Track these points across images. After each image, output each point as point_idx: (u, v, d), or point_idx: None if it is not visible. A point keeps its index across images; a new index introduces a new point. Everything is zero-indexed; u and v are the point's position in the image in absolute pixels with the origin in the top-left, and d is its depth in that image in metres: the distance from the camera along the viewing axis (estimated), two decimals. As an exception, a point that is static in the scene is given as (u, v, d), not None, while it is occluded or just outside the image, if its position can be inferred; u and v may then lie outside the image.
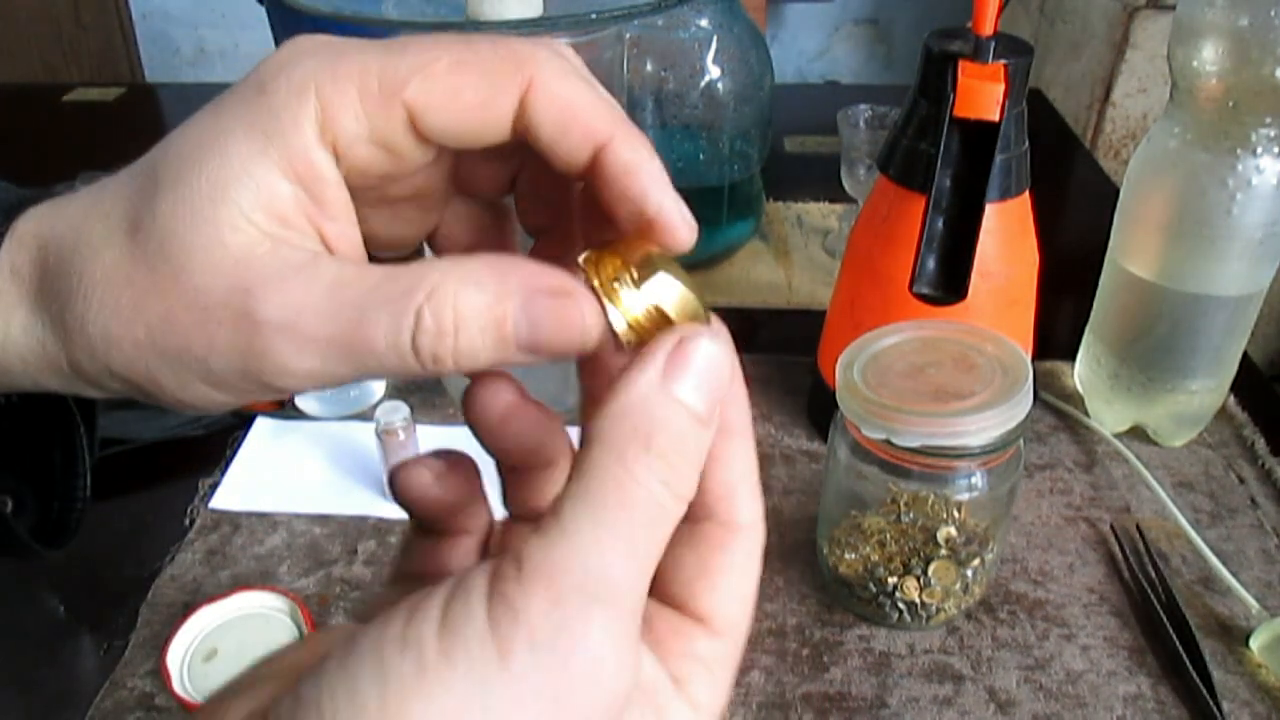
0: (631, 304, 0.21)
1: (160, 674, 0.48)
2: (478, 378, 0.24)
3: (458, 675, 0.17)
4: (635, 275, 0.22)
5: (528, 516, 0.26)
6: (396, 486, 0.24)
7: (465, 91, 0.22)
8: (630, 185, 0.22)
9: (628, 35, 0.70)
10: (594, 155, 0.22)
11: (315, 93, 0.22)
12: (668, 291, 0.21)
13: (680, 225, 0.23)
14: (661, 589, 0.22)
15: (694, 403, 0.20)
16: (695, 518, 0.22)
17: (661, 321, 0.21)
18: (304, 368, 0.21)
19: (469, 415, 0.24)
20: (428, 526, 0.25)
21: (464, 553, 0.25)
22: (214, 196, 0.21)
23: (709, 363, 0.20)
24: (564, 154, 0.22)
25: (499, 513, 0.26)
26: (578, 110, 0.22)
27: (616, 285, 0.21)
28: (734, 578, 0.23)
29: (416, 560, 0.25)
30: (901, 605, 0.51)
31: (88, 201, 0.23)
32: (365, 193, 0.23)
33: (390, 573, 0.26)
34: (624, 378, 0.19)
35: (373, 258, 0.24)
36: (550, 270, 0.21)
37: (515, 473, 0.26)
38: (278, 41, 0.97)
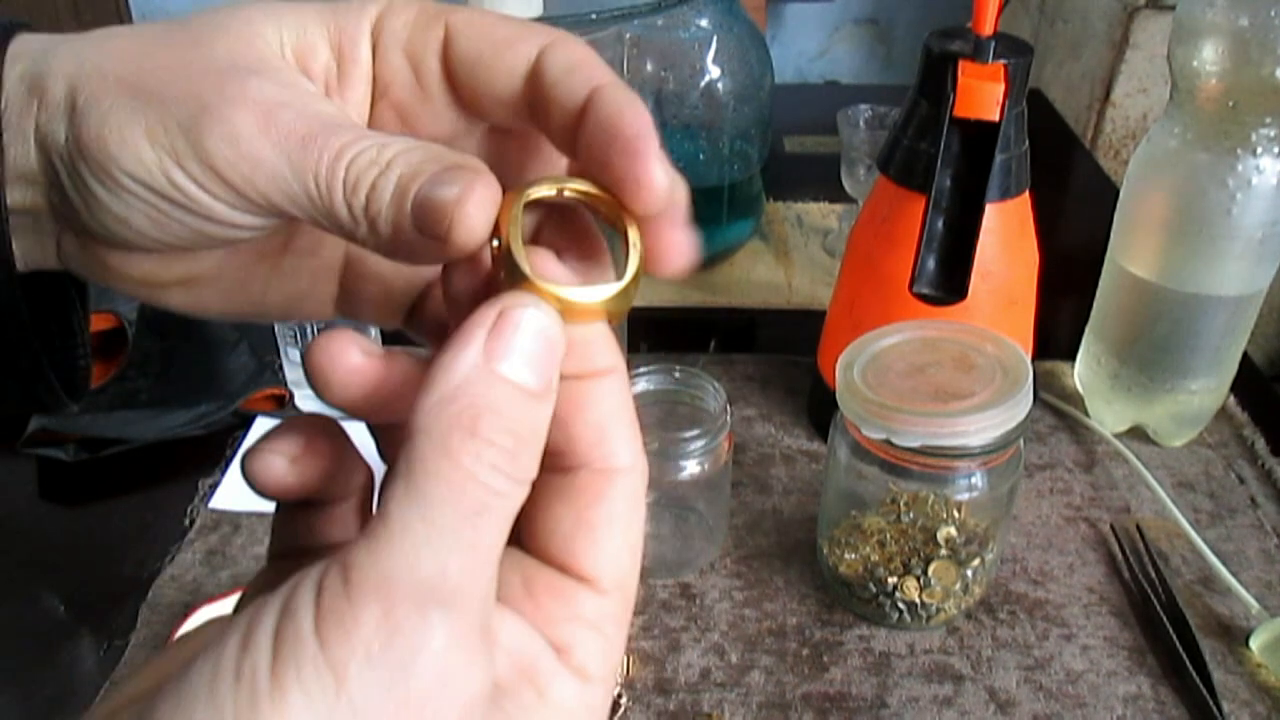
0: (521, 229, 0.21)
1: (160, 674, 0.48)
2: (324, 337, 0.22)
3: (294, 708, 0.15)
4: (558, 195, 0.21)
5: None
6: (247, 480, 0.22)
7: (499, 28, 0.23)
8: (621, 122, 0.21)
9: (628, 35, 0.70)
10: (589, 96, 0.22)
11: (385, 2, 0.24)
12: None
13: (654, 166, 0.21)
14: (539, 548, 0.21)
15: (523, 378, 0.18)
16: (567, 468, 0.21)
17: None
18: (247, 150, 0.21)
19: (309, 367, 0.21)
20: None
21: (342, 520, 0.23)
22: (263, 15, 0.23)
23: (537, 331, 0.19)
24: (564, 92, 0.22)
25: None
26: (585, 59, 0.23)
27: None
28: (616, 528, 0.21)
29: (292, 533, 0.23)
30: (901, 605, 0.51)
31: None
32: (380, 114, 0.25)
33: (269, 548, 0.24)
34: (442, 358, 0.18)
35: None
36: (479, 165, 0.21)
37: (383, 430, 0.24)
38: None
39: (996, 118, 0.51)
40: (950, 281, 0.54)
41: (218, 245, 0.24)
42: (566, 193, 0.22)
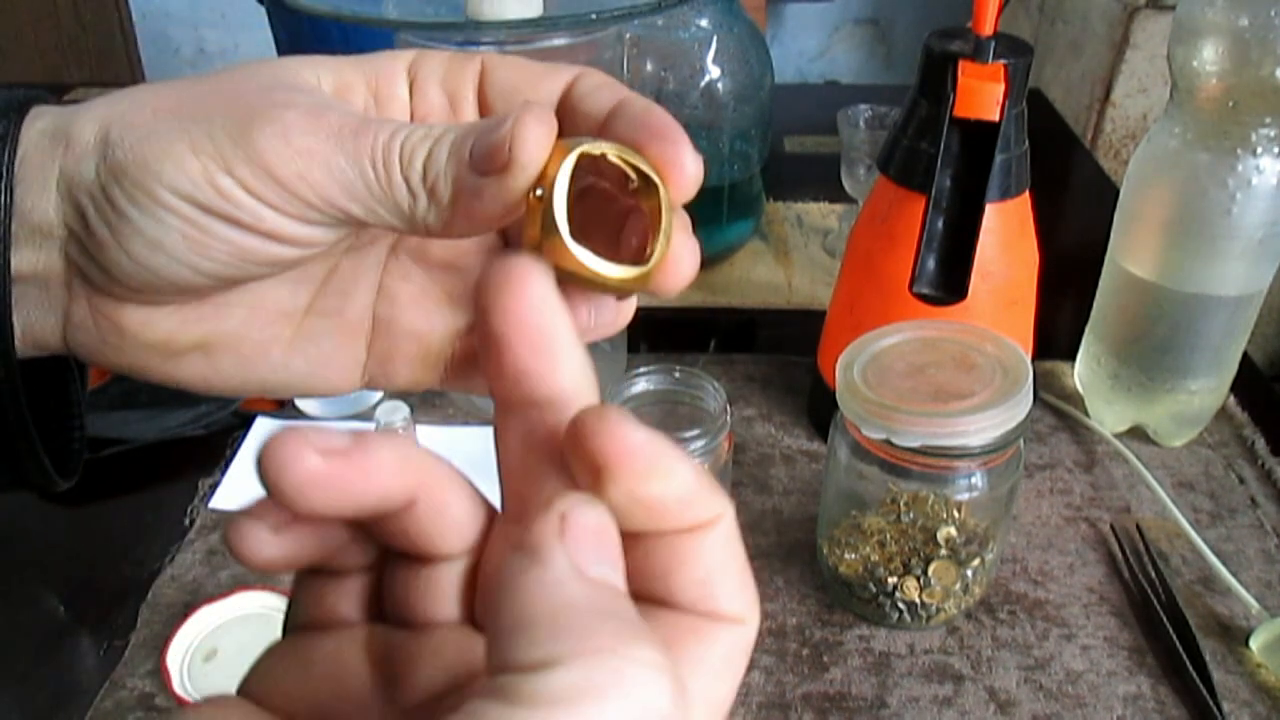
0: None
1: (160, 674, 0.49)
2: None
3: None
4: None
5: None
6: (231, 553, 0.19)
7: (532, 65, 0.25)
8: (650, 117, 0.23)
9: (628, 35, 0.70)
10: (616, 105, 0.24)
11: (417, 51, 0.25)
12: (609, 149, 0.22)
13: (686, 149, 0.23)
14: None
15: (614, 579, 0.16)
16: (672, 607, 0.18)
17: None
18: (301, 145, 0.21)
19: (262, 478, 0.18)
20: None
21: (349, 597, 0.20)
22: (299, 63, 0.24)
23: (603, 530, 0.17)
24: (592, 104, 0.24)
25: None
26: (612, 81, 0.25)
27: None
28: (701, 673, 0.18)
29: (305, 605, 0.21)
30: (901, 605, 0.51)
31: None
32: None
33: (284, 618, 0.21)
34: (518, 579, 0.16)
35: None
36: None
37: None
38: (278, 41, 0.98)
39: (996, 118, 0.51)
40: (950, 281, 0.54)
41: (254, 274, 0.24)
42: (610, 157, 0.22)
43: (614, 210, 0.24)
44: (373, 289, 0.27)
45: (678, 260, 0.24)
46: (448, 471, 0.19)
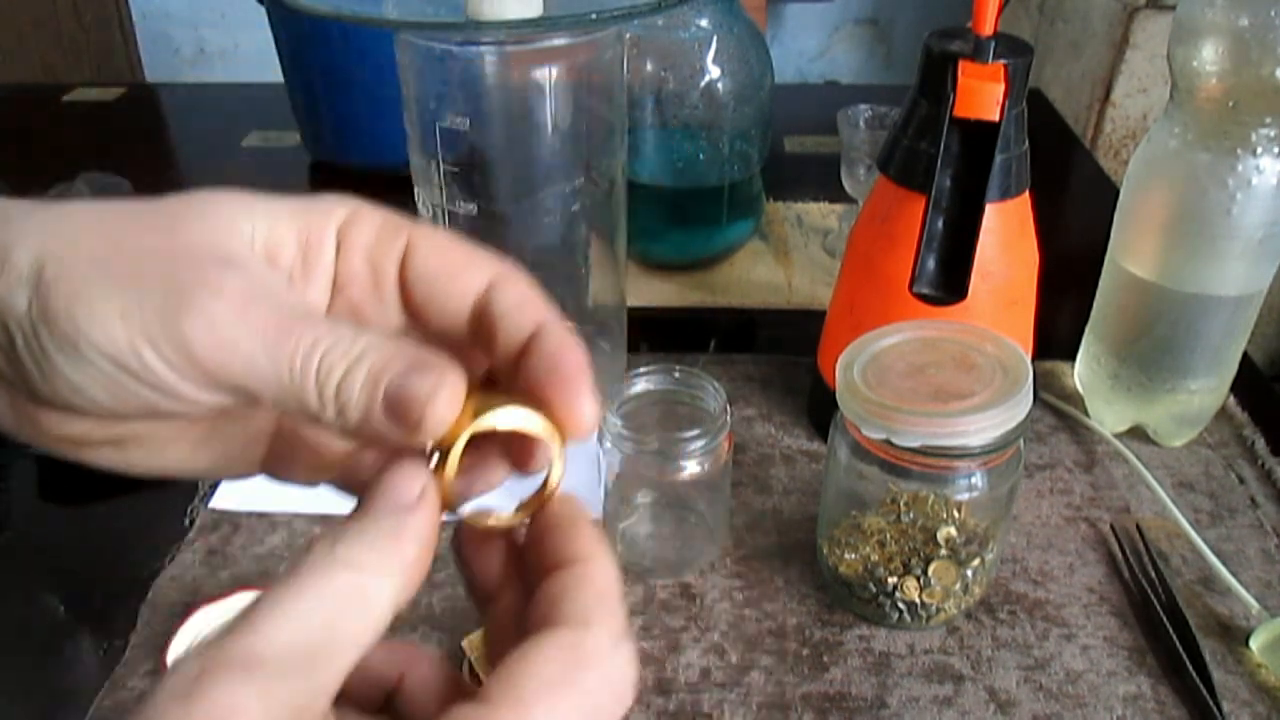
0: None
1: (160, 674, 0.48)
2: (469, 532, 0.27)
3: None
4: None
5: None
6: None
7: (456, 251, 0.26)
8: (563, 360, 0.25)
9: (628, 35, 0.70)
10: (534, 331, 0.25)
11: (352, 207, 0.27)
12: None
13: (587, 402, 0.25)
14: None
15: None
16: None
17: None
18: (225, 336, 0.23)
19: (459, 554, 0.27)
20: None
21: None
22: (236, 208, 0.25)
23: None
24: (512, 325, 0.25)
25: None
26: (531, 297, 0.26)
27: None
28: (535, 666, 0.22)
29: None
30: (901, 605, 0.51)
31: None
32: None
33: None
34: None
35: None
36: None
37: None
38: (278, 41, 0.98)
39: (996, 118, 0.51)
40: (950, 281, 0.54)
41: (168, 417, 0.25)
42: (503, 426, 0.24)
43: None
44: None
45: (578, 424, 0.25)
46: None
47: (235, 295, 0.23)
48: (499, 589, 0.27)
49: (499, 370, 0.26)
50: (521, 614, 0.25)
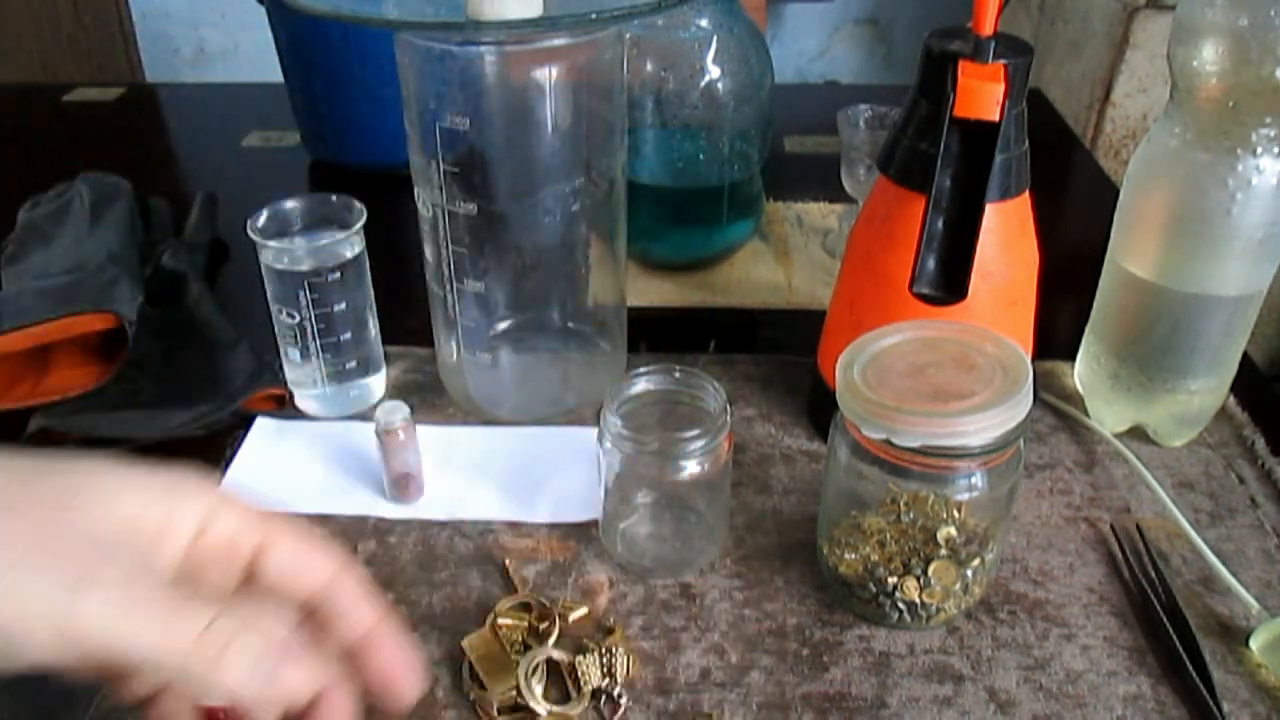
0: None
1: (160, 674, 0.48)
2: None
3: None
4: None
5: None
6: None
7: (299, 560, 0.33)
8: (390, 674, 0.33)
9: (628, 35, 0.70)
10: (364, 636, 0.33)
11: (217, 499, 0.32)
12: None
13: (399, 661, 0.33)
14: None
15: None
16: None
17: None
18: (117, 624, 0.27)
19: None
20: None
21: None
22: (113, 488, 0.30)
23: None
24: (344, 627, 0.33)
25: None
26: (365, 605, 0.33)
27: None
28: None
29: None
30: (901, 605, 0.51)
31: None
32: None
33: None
34: None
35: None
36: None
37: None
38: (278, 41, 0.98)
39: (996, 118, 0.51)
40: (950, 281, 0.54)
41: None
42: None
43: None
44: None
45: (399, 690, 0.33)
46: None
47: (119, 584, 0.27)
48: None
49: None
50: None
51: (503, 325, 0.64)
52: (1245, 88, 0.52)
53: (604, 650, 0.49)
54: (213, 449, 0.64)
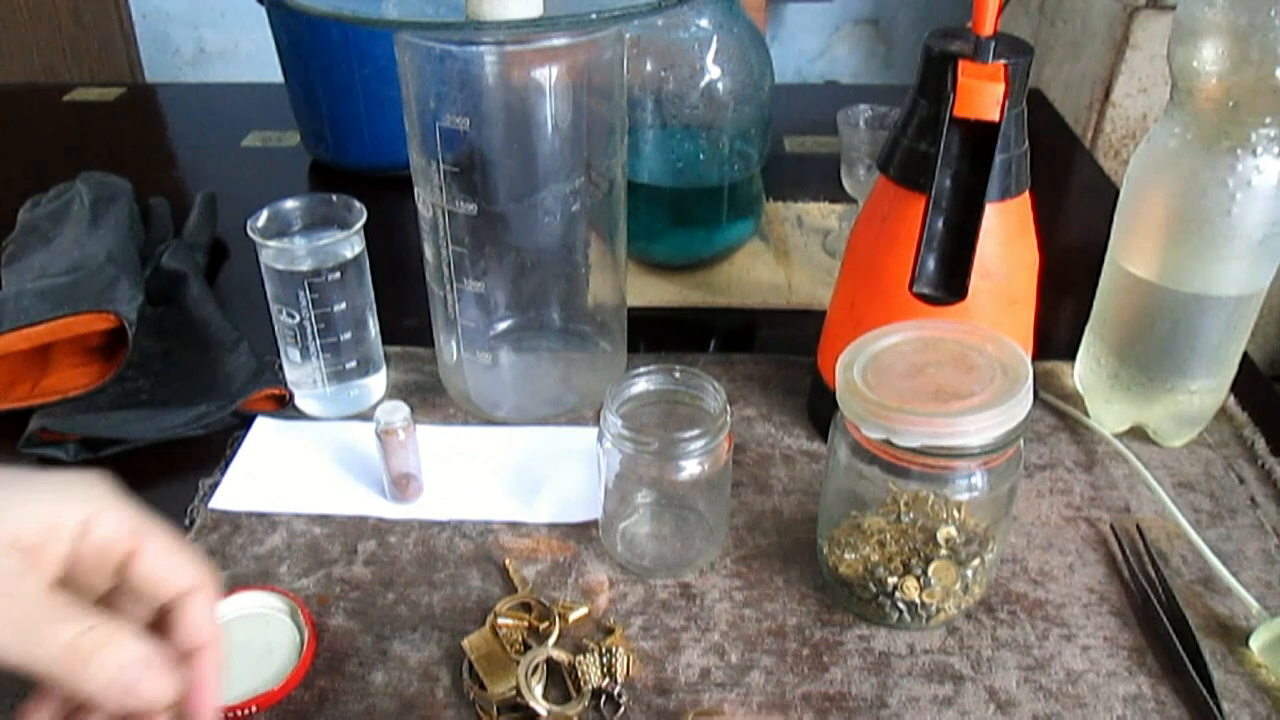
0: None
1: (160, 674, 0.48)
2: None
3: None
4: None
5: None
6: None
7: (169, 568, 0.36)
8: (199, 681, 0.36)
9: (628, 35, 0.70)
10: (199, 646, 0.36)
11: (99, 505, 0.35)
12: None
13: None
14: None
15: None
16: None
17: None
18: None
19: None
20: None
21: None
22: (6, 497, 0.33)
23: None
24: (183, 636, 0.36)
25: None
26: (210, 619, 0.37)
27: None
28: None
29: None
30: (901, 605, 0.51)
31: None
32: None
33: None
34: None
35: None
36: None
37: None
38: (278, 41, 0.98)
39: (996, 118, 0.51)
40: (950, 281, 0.54)
41: None
42: None
43: None
44: None
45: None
46: None
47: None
48: None
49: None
50: None
51: (503, 325, 0.64)
52: (1245, 88, 0.52)
53: (604, 650, 0.49)
54: (213, 449, 0.64)
